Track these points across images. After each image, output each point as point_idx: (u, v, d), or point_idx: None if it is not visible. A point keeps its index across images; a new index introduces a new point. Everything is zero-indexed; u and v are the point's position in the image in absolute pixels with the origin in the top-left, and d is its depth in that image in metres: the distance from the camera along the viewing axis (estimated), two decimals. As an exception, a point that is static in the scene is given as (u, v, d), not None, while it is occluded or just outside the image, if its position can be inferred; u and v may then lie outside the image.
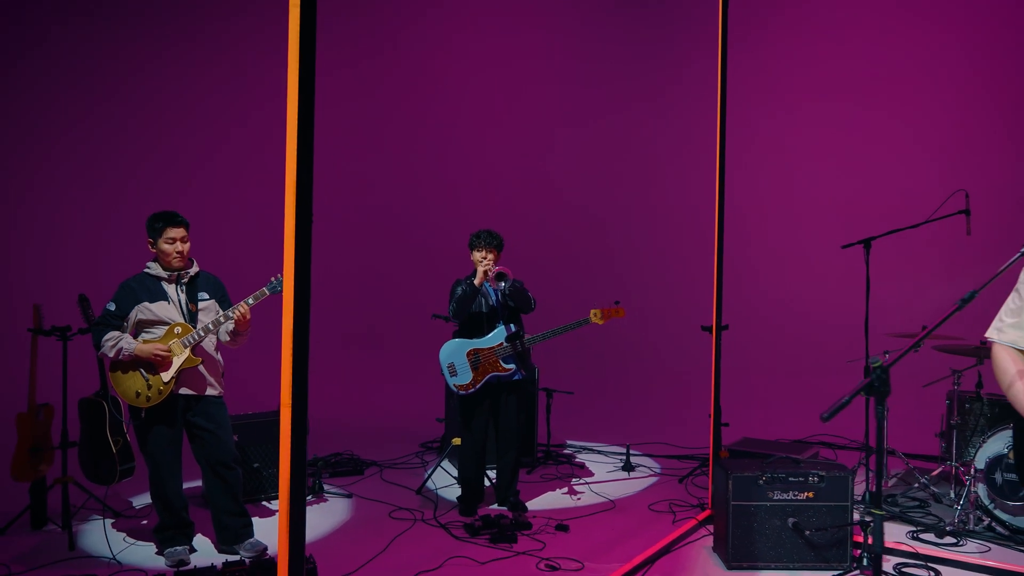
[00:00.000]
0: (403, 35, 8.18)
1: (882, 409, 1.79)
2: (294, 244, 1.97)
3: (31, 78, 6.79)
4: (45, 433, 4.14)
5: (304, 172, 1.97)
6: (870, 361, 1.85)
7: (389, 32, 8.16)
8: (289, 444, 2.00)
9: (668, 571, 3.61)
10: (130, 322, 3.64)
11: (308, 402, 2.04)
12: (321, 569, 3.45)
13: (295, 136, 1.95)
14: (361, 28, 7.95)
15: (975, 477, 4.11)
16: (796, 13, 7.47)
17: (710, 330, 4.73)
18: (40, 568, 3.54)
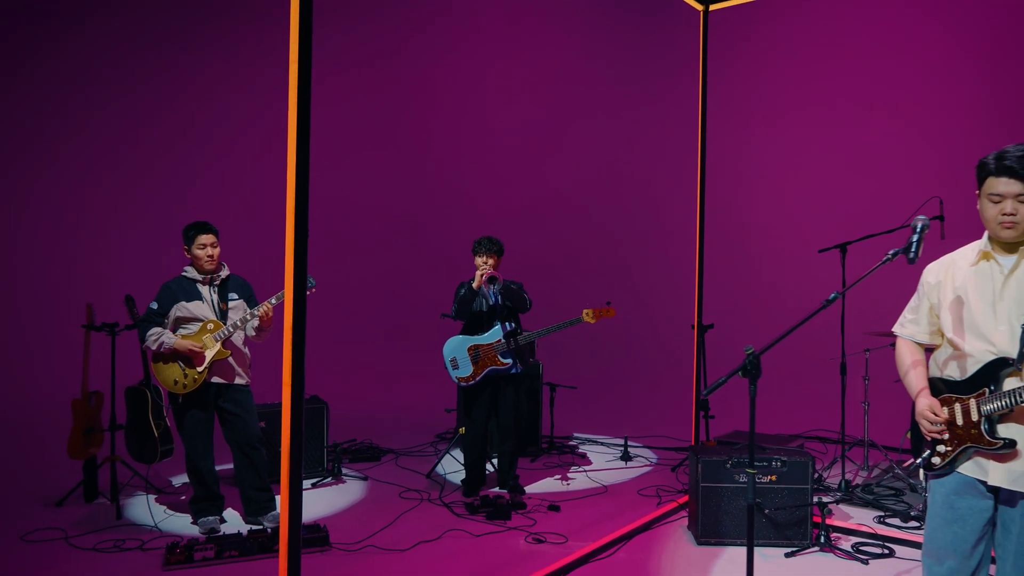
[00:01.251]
0: (414, 52, 8.67)
1: (754, 388, 2.16)
2: (294, 247, 2.40)
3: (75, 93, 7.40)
4: (96, 417, 4.67)
5: (301, 186, 2.42)
6: (745, 349, 2.22)
7: (405, 49, 8.66)
8: (289, 419, 2.43)
9: (644, 546, 3.99)
10: (170, 319, 4.14)
11: (304, 384, 2.46)
12: (333, 538, 3.92)
13: (294, 149, 2.39)
14: (379, 45, 8.46)
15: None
16: (782, 26, 7.81)
17: (692, 328, 5.11)
18: (92, 533, 4.05)
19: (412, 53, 8.61)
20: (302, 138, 2.41)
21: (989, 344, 2.32)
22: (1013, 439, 2.26)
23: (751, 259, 7.68)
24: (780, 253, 7.55)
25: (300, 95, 2.40)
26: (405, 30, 8.60)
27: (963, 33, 7.17)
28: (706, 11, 4.63)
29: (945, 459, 2.38)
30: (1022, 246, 2.32)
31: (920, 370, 2.52)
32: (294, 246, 2.41)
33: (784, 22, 7.80)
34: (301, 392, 2.48)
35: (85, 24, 7.10)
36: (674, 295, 7.73)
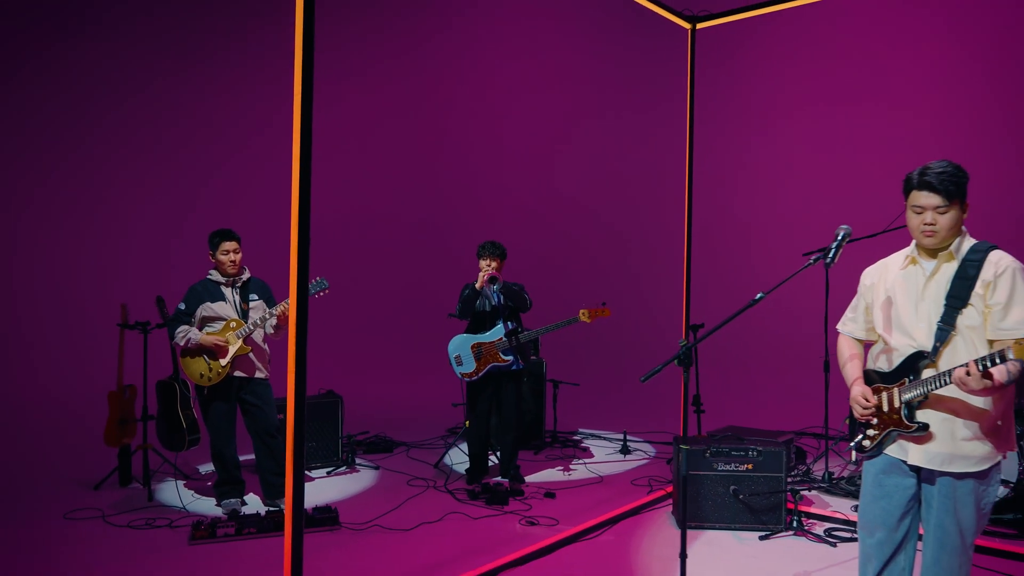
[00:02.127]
0: (426, 67, 9.06)
1: (687, 376, 2.46)
2: (296, 251, 2.76)
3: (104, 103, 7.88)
4: (130, 408, 5.10)
5: (304, 193, 2.77)
6: (679, 342, 2.52)
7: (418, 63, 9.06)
8: (293, 404, 2.78)
9: (631, 529, 4.29)
10: (196, 318, 4.54)
11: (306, 377, 2.81)
12: (342, 518, 4.28)
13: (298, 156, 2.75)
14: (396, 58, 8.86)
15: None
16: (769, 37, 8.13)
17: (692, 329, 5.40)
18: (126, 513, 4.45)
19: (424, 68, 9.02)
20: (305, 145, 2.75)
21: (911, 339, 2.59)
22: (927, 423, 2.53)
23: (742, 261, 7.97)
24: (769, 255, 7.80)
25: (303, 101, 2.74)
26: (418, 41, 9.00)
27: (945, 41, 7.39)
28: (693, 29, 4.92)
29: (874, 441, 2.66)
30: (942, 252, 2.60)
31: (856, 363, 2.80)
32: (297, 250, 2.76)
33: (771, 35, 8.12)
34: (303, 383, 2.84)
35: (112, 34, 7.56)
36: (673, 295, 8.05)
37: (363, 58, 8.75)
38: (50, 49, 7.23)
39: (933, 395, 2.52)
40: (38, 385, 6.68)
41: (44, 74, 7.21)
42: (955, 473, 2.51)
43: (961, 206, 2.57)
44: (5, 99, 7.01)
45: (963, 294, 2.51)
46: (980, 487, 2.52)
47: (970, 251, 2.57)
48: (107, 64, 7.50)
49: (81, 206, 7.39)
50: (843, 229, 2.75)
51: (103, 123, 7.53)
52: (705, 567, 3.70)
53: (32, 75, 7.15)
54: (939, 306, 2.54)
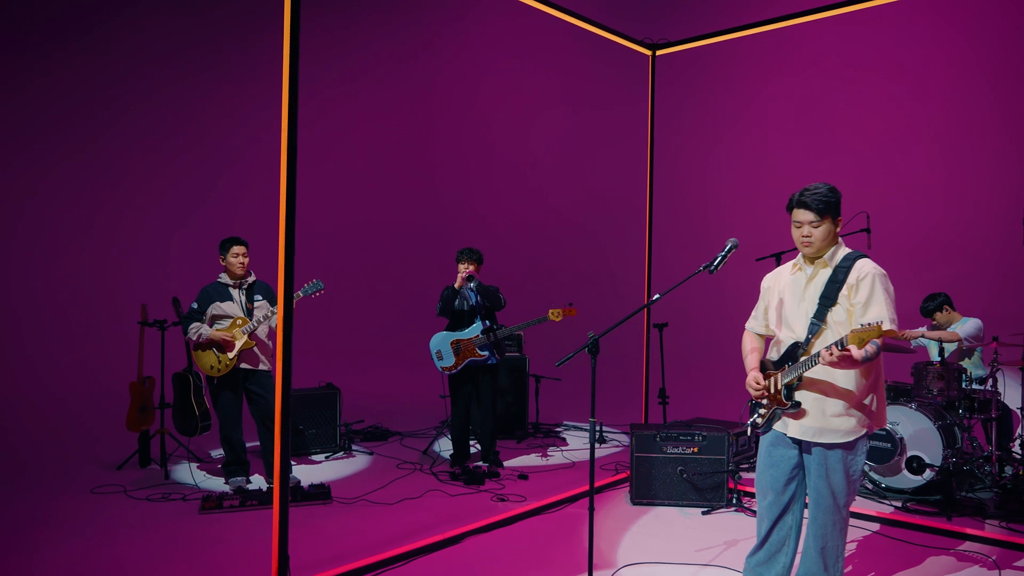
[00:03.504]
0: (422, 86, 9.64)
1: (594, 363, 2.96)
2: (283, 258, 3.30)
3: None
4: (149, 397, 5.69)
5: (290, 204, 3.31)
6: (588, 334, 3.03)
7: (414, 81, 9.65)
8: (280, 391, 3.32)
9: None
10: (207, 316, 5.11)
11: (291, 368, 3.34)
12: (335, 494, 4.83)
13: (284, 171, 3.29)
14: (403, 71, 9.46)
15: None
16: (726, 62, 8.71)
17: (658, 327, 5.91)
18: (145, 489, 5.04)
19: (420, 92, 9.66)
20: (291, 158, 3.28)
21: (793, 332, 3.10)
22: (800, 401, 3.02)
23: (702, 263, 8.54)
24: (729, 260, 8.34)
25: (289, 114, 3.27)
26: (414, 64, 9.61)
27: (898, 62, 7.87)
28: (653, 56, 5.43)
29: (764, 419, 3.16)
30: (819, 260, 3.09)
31: (755, 355, 3.29)
32: (284, 256, 3.29)
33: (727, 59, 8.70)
34: (289, 374, 3.35)
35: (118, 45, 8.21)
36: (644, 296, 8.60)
37: (360, 73, 9.37)
38: (66, 55, 7.87)
39: (807, 378, 3.02)
40: (67, 377, 7.32)
41: (64, 80, 7.85)
42: (826, 444, 3.01)
43: (833, 221, 3.06)
44: (38, 105, 7.66)
45: (833, 295, 3.01)
46: (848, 456, 3.01)
47: (843, 259, 3.07)
48: (126, 74, 8.14)
49: (102, 214, 8.01)
50: (731, 241, 3.23)
51: (122, 137, 8.16)
52: (649, 537, 4.21)
53: (58, 83, 7.79)
54: (815, 305, 3.04)
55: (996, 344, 5.10)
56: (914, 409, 4.94)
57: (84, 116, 7.90)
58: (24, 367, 7.23)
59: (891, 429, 4.93)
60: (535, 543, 4.07)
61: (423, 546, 3.87)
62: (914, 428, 4.91)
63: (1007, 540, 4.09)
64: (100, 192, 7.99)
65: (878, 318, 2.91)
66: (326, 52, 9.28)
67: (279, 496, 3.23)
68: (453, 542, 4.01)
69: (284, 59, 3.25)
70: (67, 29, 7.79)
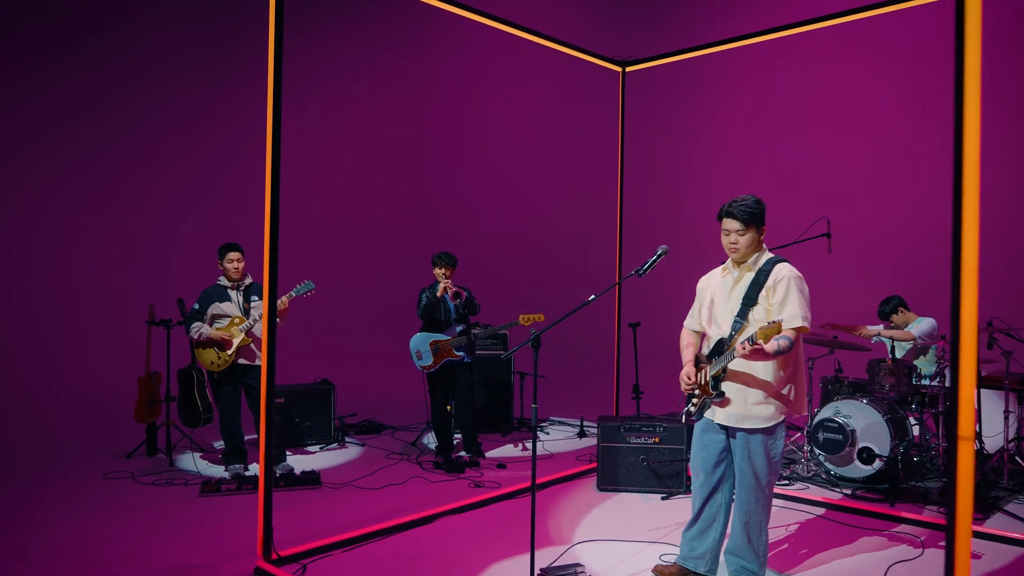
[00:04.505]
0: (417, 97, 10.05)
1: (536, 356, 3.32)
2: (267, 258, 3.69)
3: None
4: (156, 391, 6.11)
5: (274, 210, 3.71)
6: (532, 330, 3.39)
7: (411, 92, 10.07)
8: (265, 387, 3.71)
9: (559, 490, 5.17)
10: (207, 316, 5.52)
11: (276, 361, 3.73)
12: (324, 480, 5.23)
13: (269, 179, 3.68)
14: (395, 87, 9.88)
15: (810, 437, 5.46)
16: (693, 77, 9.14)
17: (631, 326, 6.28)
18: (151, 475, 5.45)
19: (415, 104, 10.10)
20: (275, 167, 3.66)
21: (720, 329, 3.46)
22: (723, 391, 3.38)
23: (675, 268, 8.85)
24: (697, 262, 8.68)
25: (274, 125, 3.66)
26: (412, 78, 10.04)
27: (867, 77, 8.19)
28: (623, 72, 5.80)
29: (696, 408, 3.52)
30: (744, 264, 3.45)
31: (690, 349, 3.65)
32: (268, 258, 3.68)
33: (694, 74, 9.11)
34: (273, 369, 3.74)
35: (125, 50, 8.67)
36: (626, 301, 8.95)
37: (357, 85, 9.81)
38: (78, 58, 8.35)
39: (731, 371, 3.37)
40: (81, 372, 7.78)
41: (75, 84, 8.32)
42: (748, 429, 3.36)
43: (758, 229, 3.42)
44: (47, 107, 8.13)
45: (754, 295, 3.36)
46: (768, 440, 3.37)
47: (765, 263, 3.42)
48: (134, 76, 8.60)
49: (112, 221, 8.48)
50: (661, 248, 3.59)
51: (127, 145, 8.63)
52: (608, 518, 4.57)
53: (69, 86, 8.27)
54: (739, 304, 3.40)
55: (944, 343, 5.42)
56: (866, 403, 5.27)
57: (92, 119, 8.37)
58: (42, 363, 7.70)
59: (843, 422, 5.26)
60: (500, 523, 4.44)
61: (398, 524, 4.26)
62: (865, 421, 5.24)
63: (940, 523, 4.42)
64: (110, 202, 8.46)
65: (792, 316, 3.27)
66: (327, 63, 9.72)
67: (263, 475, 3.63)
68: (426, 521, 4.39)
69: (269, 71, 3.64)
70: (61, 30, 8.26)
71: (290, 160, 9.12)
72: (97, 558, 3.81)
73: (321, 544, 3.90)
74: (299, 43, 9.29)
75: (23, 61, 8.01)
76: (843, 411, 5.33)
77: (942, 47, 7.61)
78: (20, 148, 7.99)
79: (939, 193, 7.69)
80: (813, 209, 6.37)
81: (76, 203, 8.26)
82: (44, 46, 8.13)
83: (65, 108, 8.24)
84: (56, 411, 7.20)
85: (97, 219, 8.39)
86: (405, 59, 10.13)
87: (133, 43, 8.62)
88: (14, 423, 6.83)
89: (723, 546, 3.56)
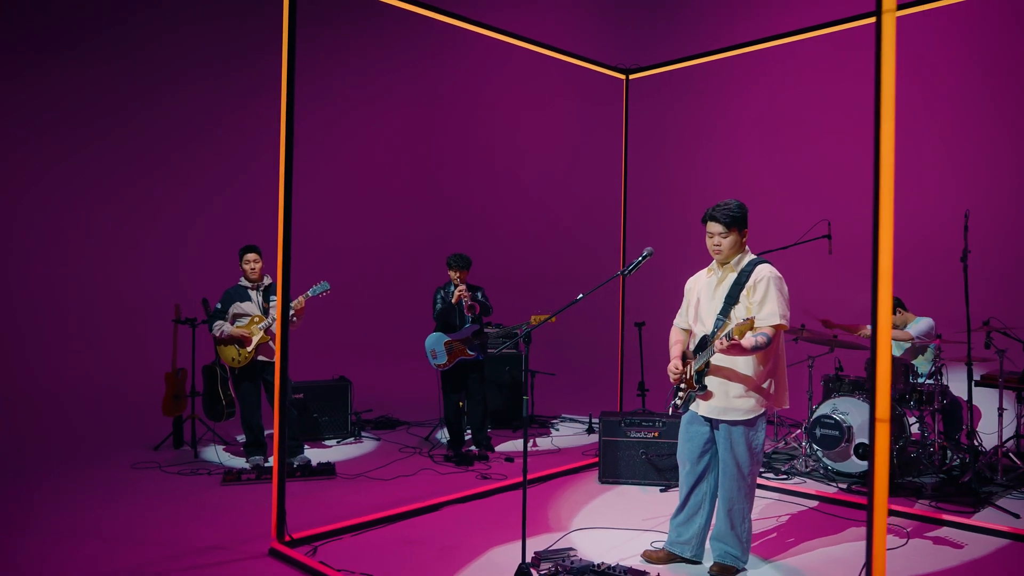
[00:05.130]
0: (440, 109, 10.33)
1: (527, 351, 3.54)
2: (280, 264, 3.96)
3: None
4: (182, 386, 6.43)
5: (287, 217, 3.97)
6: (524, 325, 3.61)
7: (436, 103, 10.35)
8: (279, 381, 3.97)
9: (562, 482, 5.38)
10: (229, 315, 5.82)
11: (288, 358, 3.99)
12: (339, 471, 5.50)
13: (282, 189, 3.95)
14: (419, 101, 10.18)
15: (808, 433, 5.61)
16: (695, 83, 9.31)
17: (637, 325, 6.48)
18: (177, 465, 5.76)
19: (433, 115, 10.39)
20: (287, 174, 3.93)
21: (704, 327, 3.65)
22: (706, 385, 3.57)
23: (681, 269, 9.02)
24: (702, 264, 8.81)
25: (286, 133, 3.93)
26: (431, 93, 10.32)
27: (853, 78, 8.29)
28: (627, 80, 5.99)
29: (683, 400, 3.72)
30: (727, 265, 3.64)
31: (678, 346, 3.84)
32: (281, 261, 3.95)
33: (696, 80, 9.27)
34: (286, 363, 4.01)
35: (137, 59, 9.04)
36: (632, 301, 9.13)
37: (382, 94, 10.12)
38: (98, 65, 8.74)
39: (714, 365, 3.57)
40: (112, 368, 8.17)
41: (111, 90, 8.72)
42: (730, 421, 3.55)
43: (740, 232, 3.61)
44: (86, 116, 8.54)
45: (736, 295, 3.55)
46: (750, 432, 3.55)
47: (747, 264, 3.61)
48: (162, 82, 8.99)
49: (143, 226, 8.87)
50: (647, 250, 3.78)
51: (160, 153, 9.01)
52: (606, 508, 4.77)
53: (103, 92, 8.66)
54: (721, 303, 3.59)
55: (939, 341, 5.54)
56: (862, 400, 5.41)
57: (132, 134, 8.76)
58: (75, 361, 8.11)
59: (839, 419, 5.40)
60: (502, 512, 4.66)
61: (404, 511, 4.50)
62: (862, 418, 5.38)
63: (928, 516, 4.56)
64: (155, 210, 8.88)
65: (770, 314, 3.45)
66: (346, 74, 10.04)
67: (277, 464, 3.89)
68: (432, 509, 4.63)
69: (283, 82, 3.90)
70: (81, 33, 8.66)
71: (313, 167, 9.61)
72: (126, 538, 4.11)
73: (332, 528, 4.16)
74: (319, 55, 9.62)
75: (58, 74, 8.43)
76: (840, 408, 5.47)
77: (935, 53, 7.70)
78: (67, 152, 8.42)
79: (937, 196, 7.82)
80: (814, 211, 6.51)
81: (117, 210, 8.66)
82: (78, 57, 8.54)
83: (105, 121, 8.64)
84: (88, 405, 7.58)
85: (126, 223, 8.78)
86: (420, 69, 10.42)
87: (157, 47, 9.00)
88: (51, 416, 7.22)
89: (709, 532, 3.75)
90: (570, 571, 3.45)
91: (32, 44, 8.41)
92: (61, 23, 8.54)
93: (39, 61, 8.42)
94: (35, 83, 8.40)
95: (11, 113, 8.29)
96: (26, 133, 8.37)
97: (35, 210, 8.38)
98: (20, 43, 8.35)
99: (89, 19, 8.70)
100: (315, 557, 3.78)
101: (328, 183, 9.66)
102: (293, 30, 3.88)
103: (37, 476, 5.40)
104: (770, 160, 8.86)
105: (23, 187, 8.35)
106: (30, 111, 8.37)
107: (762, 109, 9.04)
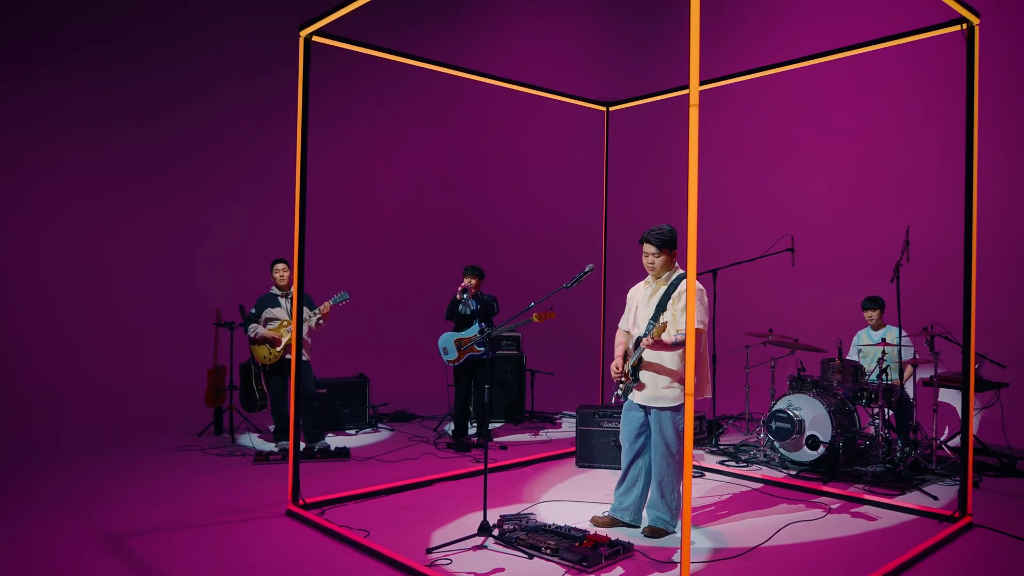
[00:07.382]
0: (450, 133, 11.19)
1: (492, 353, 4.32)
2: (296, 267, 4.83)
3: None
4: (221, 381, 7.38)
5: (302, 229, 4.84)
6: (485, 328, 4.39)
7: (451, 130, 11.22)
8: (294, 372, 4.83)
9: (543, 466, 6.15)
10: (262, 318, 6.74)
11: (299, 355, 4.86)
12: (353, 454, 6.36)
13: (298, 199, 4.82)
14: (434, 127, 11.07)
15: (765, 426, 6.28)
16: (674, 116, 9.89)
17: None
18: (217, 449, 6.69)
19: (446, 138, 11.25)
20: (302, 191, 4.79)
21: (640, 330, 4.40)
22: (639, 377, 4.32)
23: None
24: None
25: (302, 149, 4.79)
26: (442, 115, 11.20)
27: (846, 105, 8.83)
28: (607, 112, 6.75)
29: (623, 391, 4.47)
30: (659, 279, 4.38)
31: (620, 347, 4.59)
32: (297, 271, 4.81)
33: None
34: (300, 357, 4.86)
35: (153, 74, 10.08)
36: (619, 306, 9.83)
37: (405, 119, 11.05)
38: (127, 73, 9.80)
39: (646, 362, 4.32)
40: (162, 365, 9.22)
41: (169, 108, 9.79)
42: (659, 407, 4.30)
43: (670, 252, 4.35)
44: (121, 131, 9.62)
45: (664, 303, 4.30)
46: (676, 417, 4.29)
47: (676, 278, 4.36)
48: (209, 96, 10.02)
49: (191, 241, 9.92)
50: (589, 266, 4.53)
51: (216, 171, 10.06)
52: (575, 487, 5.53)
53: (161, 109, 9.73)
54: (653, 310, 4.34)
55: (883, 344, 6.17)
56: (813, 397, 6.07)
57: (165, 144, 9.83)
58: (130, 359, 9.17)
59: (792, 413, 6.06)
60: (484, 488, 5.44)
61: (402, 485, 5.33)
62: (813, 413, 6.03)
63: (855, 496, 5.21)
64: (207, 227, 9.92)
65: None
66: (377, 99, 10.98)
67: (292, 440, 4.76)
68: (426, 484, 5.46)
69: (298, 106, 4.78)
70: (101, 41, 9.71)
71: (340, 188, 10.49)
72: (175, 502, 5.02)
73: (339, 496, 5.01)
74: (329, 105, 10.55)
75: (103, 93, 9.53)
76: (795, 404, 6.14)
77: (925, 80, 8.25)
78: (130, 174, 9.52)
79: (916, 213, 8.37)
80: (774, 227, 7.17)
81: (173, 225, 9.73)
82: (117, 77, 9.62)
83: (159, 136, 9.72)
84: (141, 397, 8.65)
85: (180, 241, 9.84)
86: (436, 90, 11.30)
87: (185, 59, 10.04)
88: (110, 408, 8.26)
89: (646, 502, 4.50)
90: (524, 529, 4.23)
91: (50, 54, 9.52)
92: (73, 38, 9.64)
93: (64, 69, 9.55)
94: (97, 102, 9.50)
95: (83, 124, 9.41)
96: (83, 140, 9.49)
97: (99, 226, 9.50)
98: (40, 52, 9.45)
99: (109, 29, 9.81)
100: (323, 517, 4.63)
101: (352, 203, 10.66)
102: (307, 85, 4.75)
103: (103, 457, 6.38)
104: (741, 182, 9.43)
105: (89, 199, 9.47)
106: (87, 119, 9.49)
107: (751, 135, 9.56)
